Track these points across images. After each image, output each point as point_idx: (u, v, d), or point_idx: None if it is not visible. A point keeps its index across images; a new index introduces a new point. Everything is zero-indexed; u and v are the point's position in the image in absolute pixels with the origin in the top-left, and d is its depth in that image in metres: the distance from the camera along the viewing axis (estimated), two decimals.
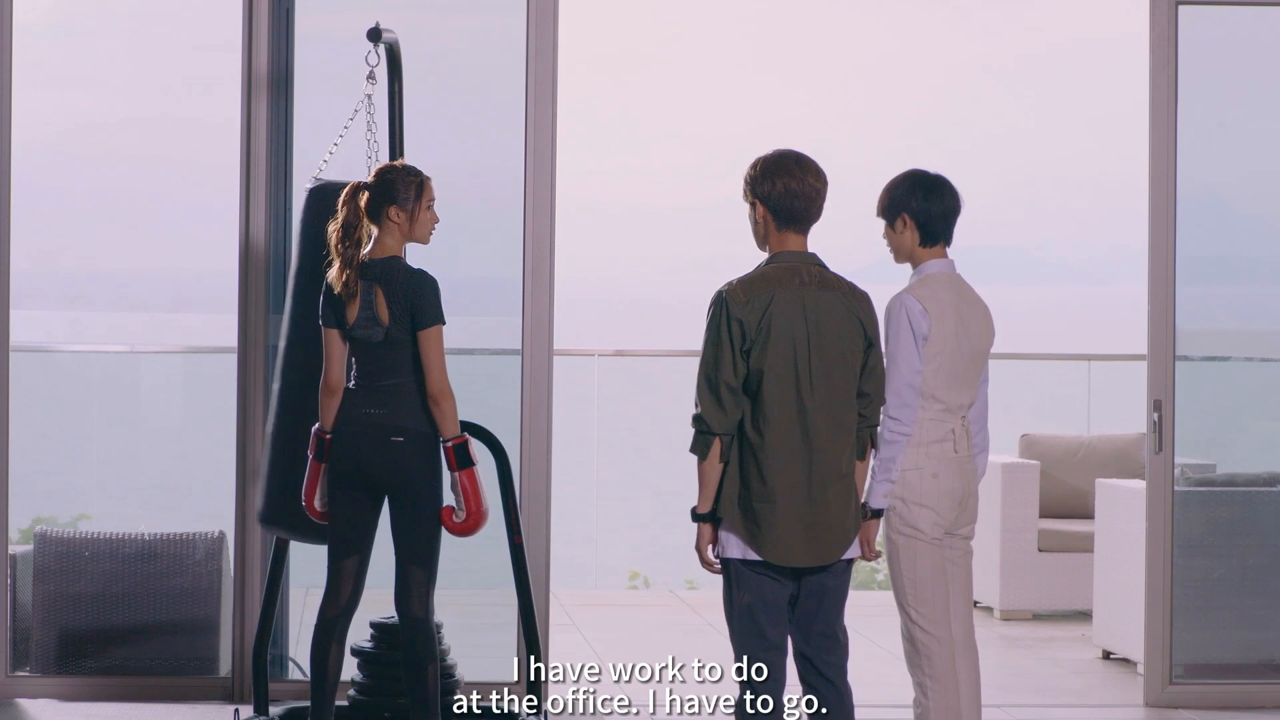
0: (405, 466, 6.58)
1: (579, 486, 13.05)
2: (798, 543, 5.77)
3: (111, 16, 8.62)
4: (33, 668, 8.21)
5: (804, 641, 5.87)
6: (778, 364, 5.74)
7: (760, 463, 5.76)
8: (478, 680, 7.91)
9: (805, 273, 5.80)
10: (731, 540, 5.82)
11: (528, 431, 8.10)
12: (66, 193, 8.61)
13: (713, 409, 5.76)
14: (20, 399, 8.19)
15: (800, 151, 5.92)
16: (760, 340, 5.74)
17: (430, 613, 6.66)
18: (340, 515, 6.69)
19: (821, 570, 5.84)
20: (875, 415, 5.88)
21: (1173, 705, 8.33)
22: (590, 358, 13.20)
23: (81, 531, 8.31)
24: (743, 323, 5.74)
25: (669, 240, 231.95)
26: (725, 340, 5.75)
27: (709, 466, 5.81)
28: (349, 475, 6.65)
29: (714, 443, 5.78)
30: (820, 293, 5.78)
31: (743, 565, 5.83)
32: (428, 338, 6.59)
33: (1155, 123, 8.33)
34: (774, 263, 5.83)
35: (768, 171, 5.84)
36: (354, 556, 6.71)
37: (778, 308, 5.74)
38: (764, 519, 5.76)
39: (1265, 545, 8.51)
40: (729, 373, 5.75)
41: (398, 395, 6.61)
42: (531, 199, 8.12)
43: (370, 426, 6.60)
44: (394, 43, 7.35)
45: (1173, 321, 8.34)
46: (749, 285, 5.79)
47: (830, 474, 5.78)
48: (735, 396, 5.76)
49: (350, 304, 6.62)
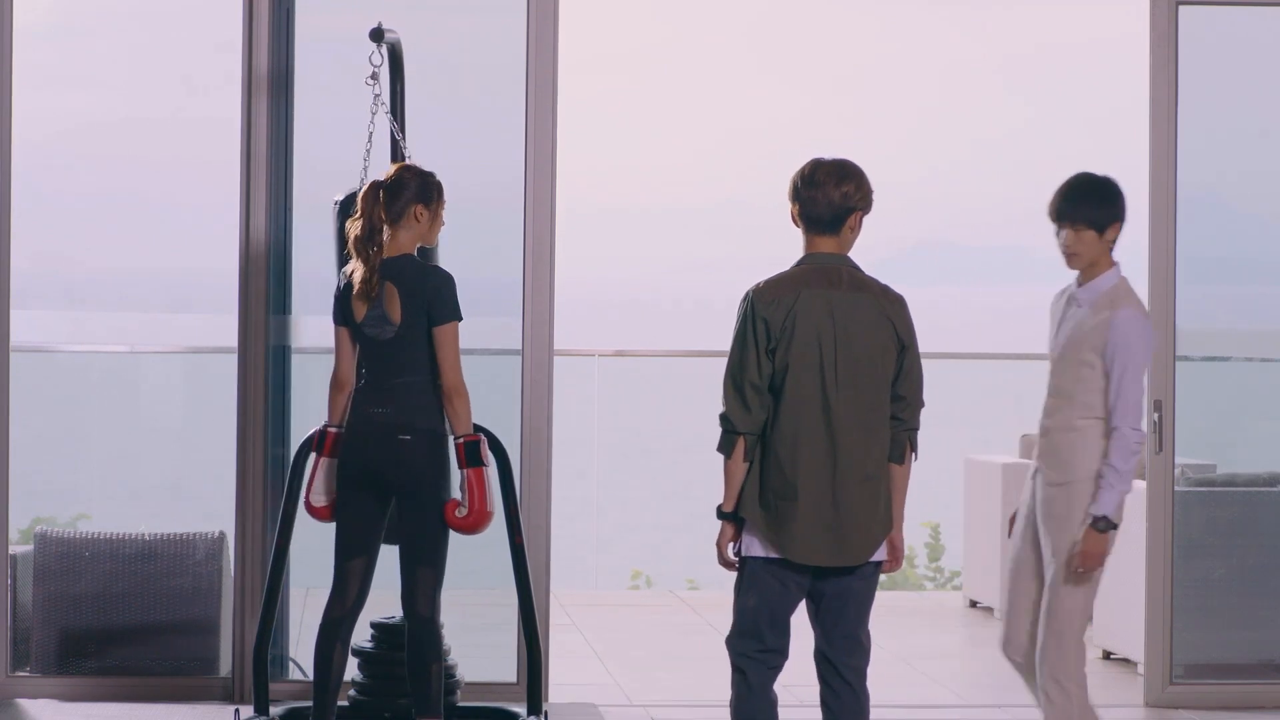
0: (413, 465, 6.58)
1: (579, 486, 13.05)
2: (819, 542, 5.76)
3: (111, 16, 8.62)
4: (33, 668, 8.21)
5: (826, 643, 5.87)
6: (802, 363, 5.74)
7: (783, 461, 5.76)
8: (478, 680, 7.91)
9: (836, 274, 5.81)
10: (753, 539, 5.82)
11: (528, 431, 8.09)
12: (66, 193, 8.60)
13: (737, 408, 5.77)
14: (20, 399, 8.19)
15: (841, 160, 5.93)
16: (785, 339, 5.75)
17: (437, 612, 6.66)
18: (348, 516, 6.69)
19: (847, 573, 5.83)
20: (913, 419, 5.85)
21: (1173, 705, 8.33)
22: (590, 358, 13.19)
23: (82, 531, 8.31)
24: (768, 321, 5.75)
25: (669, 240, 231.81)
26: (750, 339, 5.77)
27: (734, 465, 5.81)
28: (357, 475, 6.65)
29: (738, 441, 5.79)
30: (851, 294, 5.79)
31: (762, 565, 5.82)
32: (444, 334, 6.59)
33: (1155, 123, 8.33)
34: (805, 263, 5.85)
35: (804, 176, 5.89)
36: (361, 557, 6.70)
37: (803, 307, 5.75)
38: (785, 517, 5.75)
39: (1265, 545, 8.51)
40: (754, 371, 5.76)
41: (406, 394, 6.61)
42: (531, 199, 8.11)
43: (378, 425, 6.60)
44: (396, 43, 7.35)
45: (1173, 322, 8.34)
46: (776, 285, 5.81)
47: (855, 475, 5.77)
48: (760, 395, 5.76)
49: (361, 302, 6.62)
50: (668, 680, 9.09)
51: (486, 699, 7.85)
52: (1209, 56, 8.38)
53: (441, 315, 6.58)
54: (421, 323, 6.57)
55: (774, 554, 5.79)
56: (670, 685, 8.97)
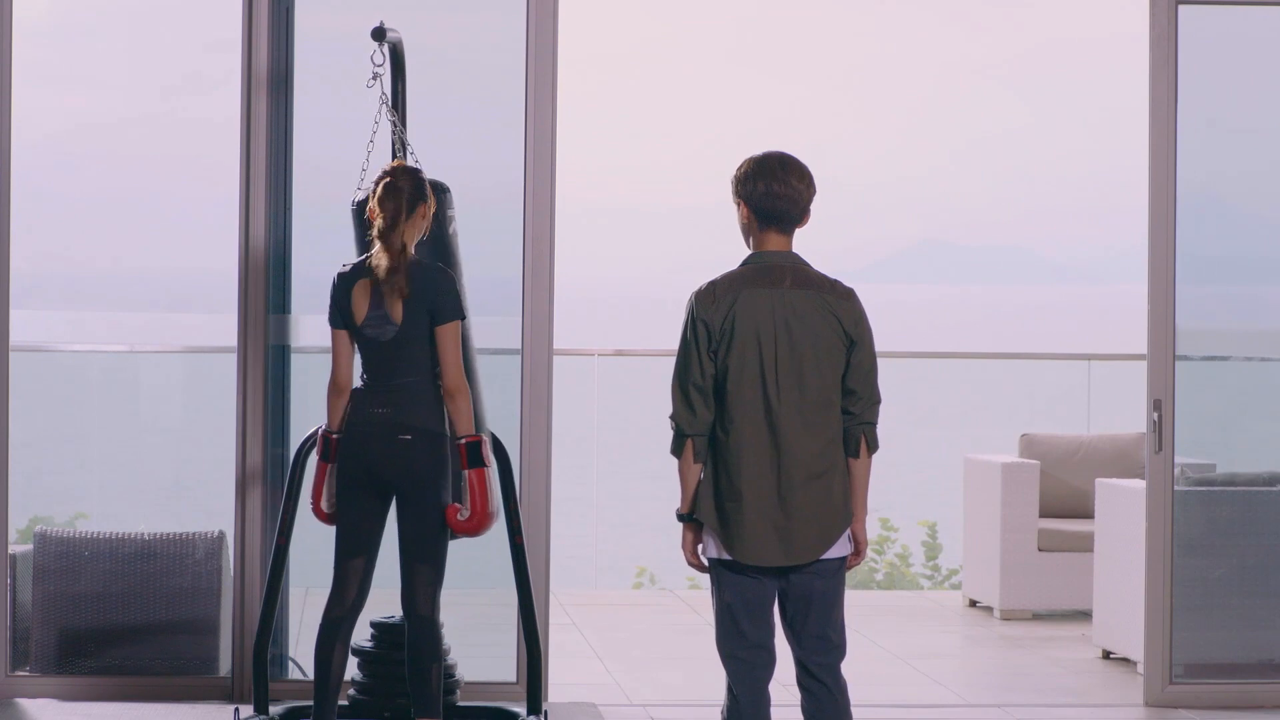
0: (413, 464, 6.58)
1: (579, 486, 13.05)
2: (768, 542, 5.76)
3: (111, 16, 8.62)
4: (32, 667, 8.21)
5: (796, 645, 5.86)
6: (743, 364, 5.75)
7: (729, 463, 5.78)
8: (478, 680, 7.91)
9: (780, 271, 5.80)
10: (710, 540, 5.84)
11: (528, 431, 8.09)
12: (66, 193, 8.60)
13: (683, 410, 5.79)
14: (20, 399, 8.19)
15: (786, 153, 5.95)
16: (725, 340, 5.76)
17: (437, 611, 6.66)
18: (348, 516, 6.68)
19: (806, 571, 5.82)
20: (865, 413, 5.82)
21: (1173, 705, 8.33)
22: (590, 357, 13.20)
23: (81, 531, 8.31)
24: (708, 323, 5.77)
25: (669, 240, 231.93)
26: (692, 341, 5.79)
27: (685, 467, 5.84)
28: (357, 476, 6.64)
29: (687, 443, 5.81)
30: (794, 292, 5.78)
31: (722, 565, 5.83)
32: (447, 333, 6.58)
33: (1155, 122, 8.33)
34: (749, 263, 5.85)
35: (752, 173, 5.87)
36: (361, 557, 6.70)
37: (743, 307, 5.75)
38: (733, 519, 5.77)
39: (1265, 545, 8.51)
40: (696, 373, 5.78)
41: (407, 394, 6.61)
42: (531, 199, 8.12)
43: (379, 426, 6.60)
44: (397, 42, 7.35)
45: (1173, 321, 8.34)
46: (716, 286, 5.82)
47: (800, 474, 5.76)
48: (704, 397, 5.78)
49: (361, 302, 6.61)
50: (667, 680, 9.09)
51: (486, 699, 7.85)
52: (1209, 56, 8.38)
53: (445, 314, 6.58)
54: (423, 322, 6.57)
55: (727, 555, 5.80)
56: (670, 685, 8.97)
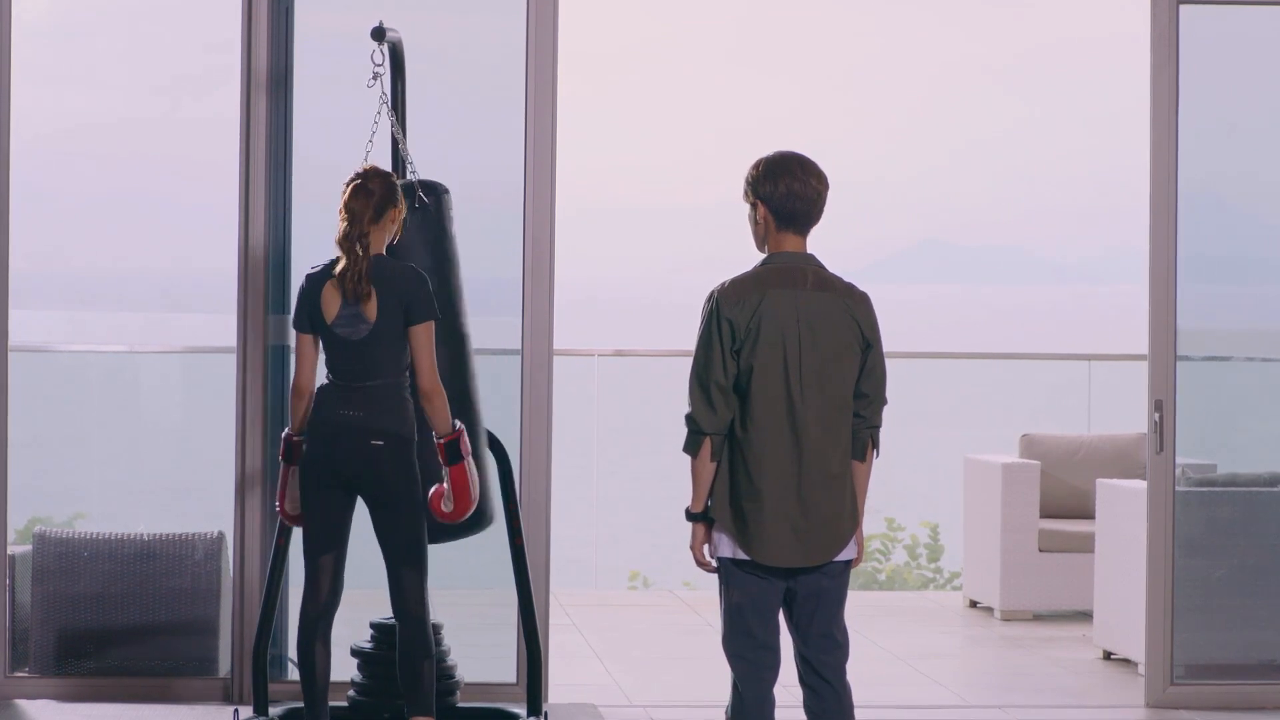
0: (382, 471, 6.57)
1: (579, 486, 13.04)
2: (786, 543, 5.77)
3: (111, 16, 8.62)
4: (32, 668, 8.20)
5: (802, 643, 5.87)
6: (767, 364, 5.75)
7: (749, 462, 5.77)
8: (478, 680, 7.90)
9: (801, 273, 5.80)
10: (723, 540, 5.83)
11: (528, 431, 8.09)
12: (66, 193, 8.60)
13: (703, 408, 5.77)
14: (19, 399, 8.18)
15: (801, 153, 5.94)
16: (750, 340, 5.75)
17: (427, 610, 6.65)
18: (314, 513, 6.67)
19: (816, 571, 5.83)
20: (876, 416, 5.86)
21: (1173, 706, 8.32)
22: (590, 358, 13.19)
23: (80, 531, 8.30)
24: (733, 322, 5.76)
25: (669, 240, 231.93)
26: (715, 340, 5.77)
27: (701, 466, 5.82)
28: (321, 473, 6.63)
29: (705, 442, 5.79)
30: (815, 294, 5.79)
31: (734, 565, 5.83)
32: (419, 334, 6.58)
33: (1156, 122, 8.32)
34: (769, 264, 5.84)
35: (770, 172, 5.85)
36: (330, 553, 6.70)
37: (768, 308, 5.75)
38: (752, 518, 5.76)
39: (1266, 545, 8.50)
40: (719, 372, 5.76)
41: (378, 396, 6.59)
42: (531, 199, 8.11)
43: (349, 428, 6.57)
44: (397, 42, 7.34)
45: (1173, 321, 8.33)
46: (740, 285, 5.80)
47: (820, 475, 5.77)
48: (725, 396, 5.77)
49: (332, 301, 6.61)
50: (667, 680, 9.09)
51: (486, 699, 7.84)
52: (1209, 56, 8.38)
53: (419, 314, 6.57)
54: (397, 322, 6.56)
55: (742, 555, 5.79)
56: (670, 685, 8.97)
